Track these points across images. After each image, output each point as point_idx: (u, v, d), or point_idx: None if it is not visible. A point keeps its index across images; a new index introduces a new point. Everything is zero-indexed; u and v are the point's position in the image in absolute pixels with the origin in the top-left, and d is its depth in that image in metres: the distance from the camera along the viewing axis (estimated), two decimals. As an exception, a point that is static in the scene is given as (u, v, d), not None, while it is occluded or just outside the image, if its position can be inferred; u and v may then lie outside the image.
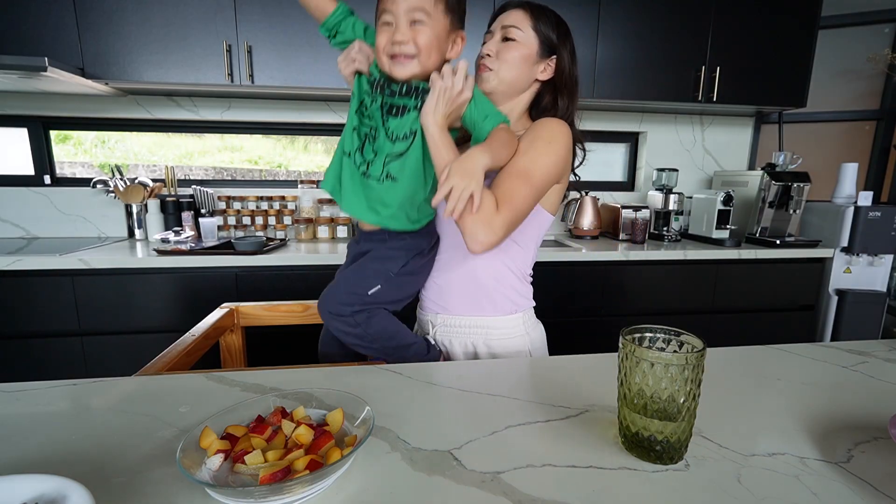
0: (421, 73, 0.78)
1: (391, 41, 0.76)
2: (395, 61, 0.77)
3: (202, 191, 2.12)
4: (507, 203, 0.79)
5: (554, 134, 0.85)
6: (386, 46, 0.77)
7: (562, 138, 0.85)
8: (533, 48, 0.88)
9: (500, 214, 0.78)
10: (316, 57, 1.89)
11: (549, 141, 0.84)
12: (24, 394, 0.67)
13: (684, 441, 0.51)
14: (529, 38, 0.88)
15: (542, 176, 0.82)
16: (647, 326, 0.56)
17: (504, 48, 0.88)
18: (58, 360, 1.72)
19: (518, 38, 0.88)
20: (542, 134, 0.85)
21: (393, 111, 0.81)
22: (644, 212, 2.20)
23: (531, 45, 0.88)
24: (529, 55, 0.89)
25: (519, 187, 0.80)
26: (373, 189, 0.84)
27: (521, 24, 0.88)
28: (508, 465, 0.50)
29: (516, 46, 0.88)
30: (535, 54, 0.89)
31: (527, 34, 0.88)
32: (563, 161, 0.86)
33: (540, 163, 0.82)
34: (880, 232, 2.07)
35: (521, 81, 0.91)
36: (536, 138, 0.84)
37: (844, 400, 0.67)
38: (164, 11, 1.78)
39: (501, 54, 0.88)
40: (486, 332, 0.94)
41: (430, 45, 0.76)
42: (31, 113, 2.10)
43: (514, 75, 0.89)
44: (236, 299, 1.70)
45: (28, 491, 0.41)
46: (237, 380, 0.71)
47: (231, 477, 0.47)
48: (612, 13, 2.05)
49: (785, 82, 2.24)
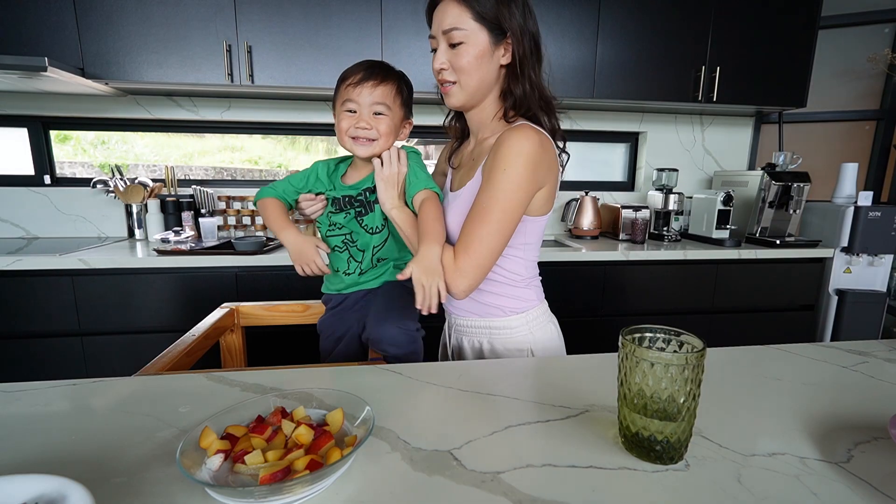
0: (378, 153, 0.92)
1: (356, 126, 0.90)
2: (357, 142, 0.91)
3: (202, 191, 2.12)
4: (468, 248, 0.81)
5: (510, 157, 0.79)
6: (350, 130, 0.91)
7: (519, 158, 0.79)
8: (483, 42, 0.80)
9: (466, 259, 0.81)
10: (316, 57, 1.89)
11: (503, 168, 0.79)
12: (24, 394, 0.67)
13: (684, 441, 0.51)
14: (475, 33, 0.80)
15: (502, 208, 0.80)
16: (647, 326, 0.56)
17: (454, 55, 0.81)
18: (58, 360, 1.72)
19: (464, 40, 0.80)
20: (497, 162, 0.80)
21: (363, 211, 0.98)
22: (644, 212, 2.20)
23: (481, 40, 0.80)
24: (483, 51, 0.81)
25: (477, 229, 0.81)
26: (368, 277, 1.02)
27: (459, 21, 0.79)
28: (508, 465, 0.50)
29: (466, 49, 0.80)
30: (488, 46, 0.81)
31: (470, 30, 0.80)
32: (528, 178, 0.81)
33: (497, 197, 0.80)
34: (880, 232, 2.07)
35: (488, 78, 0.84)
36: (492, 168, 0.81)
37: (844, 400, 0.67)
38: (164, 11, 1.78)
39: (456, 63, 0.82)
40: (489, 332, 0.95)
41: (389, 133, 0.92)
42: (31, 113, 2.10)
43: (478, 78, 0.83)
44: (236, 299, 1.70)
45: (28, 491, 0.41)
46: (237, 380, 0.71)
47: (231, 477, 0.47)
48: (612, 13, 2.05)
49: (785, 82, 2.24)
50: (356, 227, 0.98)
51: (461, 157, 0.99)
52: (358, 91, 0.89)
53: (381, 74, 0.90)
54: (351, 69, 0.92)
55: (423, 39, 1.92)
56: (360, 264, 1.00)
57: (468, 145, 0.98)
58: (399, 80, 0.93)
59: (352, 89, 0.89)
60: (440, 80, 0.86)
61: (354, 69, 0.91)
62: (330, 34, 1.88)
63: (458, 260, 0.82)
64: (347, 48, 1.90)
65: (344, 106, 0.91)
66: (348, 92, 0.90)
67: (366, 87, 0.89)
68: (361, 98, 0.89)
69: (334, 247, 1.01)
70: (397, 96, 0.92)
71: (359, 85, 0.89)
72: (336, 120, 0.93)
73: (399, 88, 0.92)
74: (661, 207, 2.28)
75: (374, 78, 0.89)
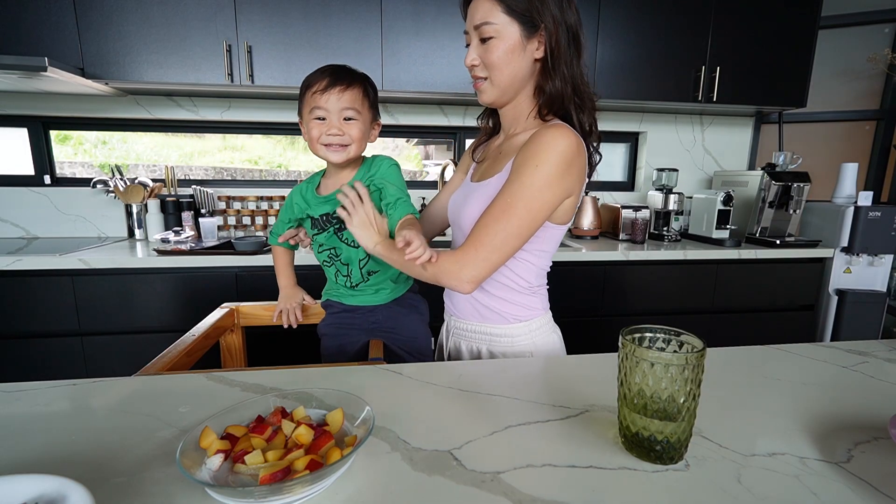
0: (353, 157, 0.93)
1: (327, 133, 0.89)
2: (331, 149, 0.90)
3: (202, 191, 2.12)
4: (479, 239, 0.78)
5: (544, 153, 0.76)
6: (321, 137, 0.90)
7: (553, 156, 0.76)
8: (515, 35, 0.78)
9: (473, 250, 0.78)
10: (316, 57, 1.89)
11: (535, 164, 0.76)
12: (24, 394, 0.67)
13: (684, 441, 0.51)
14: (505, 27, 0.78)
15: (526, 206, 0.77)
16: (647, 326, 0.56)
17: (485, 51, 0.80)
18: (58, 360, 1.72)
19: (494, 34, 0.78)
20: (528, 157, 0.77)
21: (341, 227, 0.95)
22: (644, 212, 2.20)
23: (512, 34, 0.78)
24: (514, 45, 0.79)
25: (493, 223, 0.77)
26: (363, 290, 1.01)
27: (490, 15, 0.78)
28: (508, 465, 0.50)
29: (496, 44, 0.79)
30: (519, 40, 0.79)
31: (501, 24, 0.78)
32: (559, 178, 0.77)
33: (523, 193, 0.77)
34: (880, 232, 2.07)
35: (521, 73, 0.81)
36: (523, 163, 0.78)
37: (844, 400, 0.67)
38: (164, 11, 1.78)
39: (486, 59, 0.80)
40: (489, 339, 0.93)
41: (361, 136, 0.92)
42: (31, 113, 2.10)
43: (509, 74, 0.81)
44: (236, 299, 1.70)
45: (28, 491, 0.41)
46: (237, 380, 0.71)
47: (231, 477, 0.47)
48: (612, 13, 2.05)
49: (785, 82, 2.24)
50: (337, 242, 0.98)
51: (487, 150, 0.97)
52: (326, 97, 0.87)
53: (347, 79, 0.89)
54: (314, 75, 0.90)
55: (423, 39, 1.92)
56: (348, 277, 1.00)
57: (496, 140, 0.96)
58: (365, 81, 0.93)
59: (319, 96, 0.87)
60: (473, 76, 0.84)
61: (318, 75, 0.89)
62: (330, 34, 1.88)
63: (466, 249, 0.78)
64: (347, 48, 1.90)
65: (312, 114, 0.89)
66: (315, 99, 0.88)
67: (333, 92, 0.87)
68: (329, 104, 0.88)
69: (322, 262, 1.02)
70: (364, 99, 0.91)
71: (326, 91, 0.87)
72: (304, 128, 0.92)
73: (366, 91, 0.92)
74: (661, 207, 2.28)
75: (340, 83, 0.88)
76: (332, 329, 1.05)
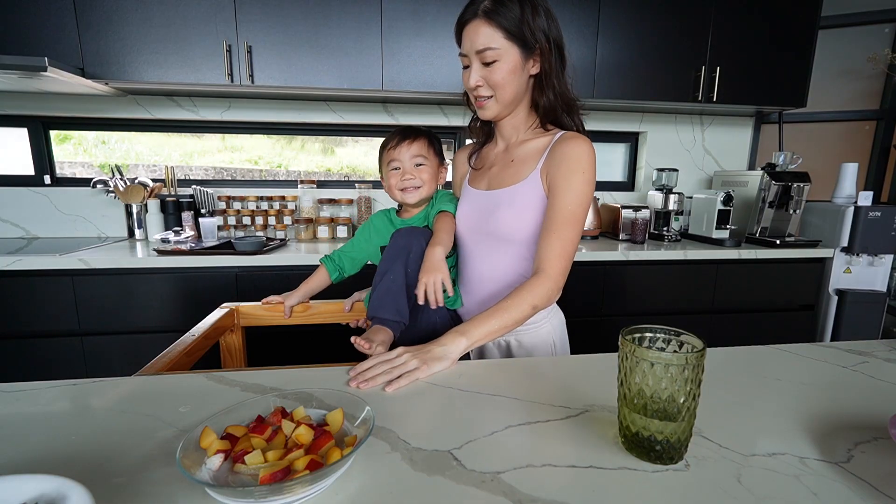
0: (425, 197, 1.06)
1: (402, 179, 1.03)
2: (406, 192, 1.04)
3: (202, 191, 2.12)
4: (564, 254, 0.87)
5: (585, 162, 0.87)
6: (398, 184, 1.03)
7: (591, 164, 0.87)
8: (515, 57, 0.85)
9: (561, 263, 0.87)
10: (316, 57, 1.89)
11: (582, 171, 0.86)
12: (24, 394, 0.67)
13: (684, 441, 0.51)
14: (507, 50, 0.84)
15: (585, 210, 0.88)
16: (647, 326, 0.56)
17: (489, 72, 0.86)
18: (58, 360, 1.72)
19: (497, 58, 0.84)
20: (574, 167, 0.86)
21: None
22: (644, 212, 2.20)
23: (513, 56, 0.85)
24: (516, 65, 0.86)
25: (568, 232, 0.87)
26: None
27: (491, 41, 0.84)
28: (508, 465, 0.50)
29: (500, 66, 0.85)
30: (520, 60, 0.86)
31: (502, 47, 0.84)
32: (594, 180, 0.89)
33: (580, 201, 0.87)
34: (880, 232, 2.07)
35: (521, 89, 0.90)
36: (572, 172, 0.86)
37: (844, 400, 0.67)
38: (164, 11, 1.78)
39: (491, 79, 0.87)
40: (516, 330, 0.97)
41: (431, 178, 1.05)
42: (31, 113, 2.10)
43: (512, 91, 0.88)
44: (236, 299, 1.70)
45: (28, 491, 0.41)
46: (237, 380, 0.71)
47: (231, 477, 0.47)
48: (612, 13, 2.05)
49: (785, 82, 2.24)
50: None
51: (487, 157, 1.04)
52: (398, 151, 1.03)
53: (413, 133, 1.05)
54: (388, 137, 1.06)
55: (422, 40, 1.91)
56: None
57: (493, 147, 1.04)
58: (429, 135, 1.07)
59: (393, 150, 1.03)
60: (475, 95, 0.91)
61: (391, 136, 1.05)
62: (330, 34, 1.88)
63: (553, 264, 0.86)
64: (347, 48, 1.90)
65: (389, 166, 1.04)
66: (390, 154, 1.03)
67: (403, 145, 1.03)
68: (402, 155, 1.02)
69: None
70: (430, 147, 1.06)
71: (398, 146, 1.03)
72: (385, 181, 1.06)
73: (430, 141, 1.07)
74: (661, 207, 2.28)
75: (409, 137, 1.04)
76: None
